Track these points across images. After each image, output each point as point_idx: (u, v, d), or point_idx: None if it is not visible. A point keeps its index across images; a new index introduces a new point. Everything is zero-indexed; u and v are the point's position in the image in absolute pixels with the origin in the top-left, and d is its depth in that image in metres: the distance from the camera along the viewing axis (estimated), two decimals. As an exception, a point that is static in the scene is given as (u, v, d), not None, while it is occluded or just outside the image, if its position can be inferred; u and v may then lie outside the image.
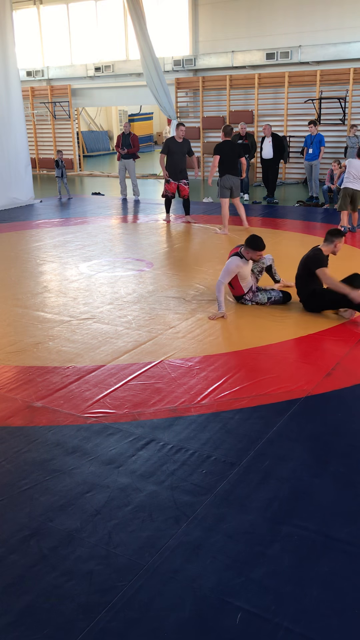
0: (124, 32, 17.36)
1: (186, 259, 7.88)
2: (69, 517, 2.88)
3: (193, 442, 3.49)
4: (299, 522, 2.80)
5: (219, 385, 4.19)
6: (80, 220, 10.78)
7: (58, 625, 2.28)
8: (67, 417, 3.82)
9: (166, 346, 4.90)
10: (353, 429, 3.64)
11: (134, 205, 12.37)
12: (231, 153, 9.06)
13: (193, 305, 5.91)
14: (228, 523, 2.80)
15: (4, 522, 2.86)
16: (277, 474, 3.17)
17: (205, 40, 15.88)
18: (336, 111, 14.29)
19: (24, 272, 7.35)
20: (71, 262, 7.77)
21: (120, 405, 3.96)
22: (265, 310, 5.74)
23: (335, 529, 2.75)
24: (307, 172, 12.41)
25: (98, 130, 26.77)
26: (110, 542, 2.70)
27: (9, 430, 3.69)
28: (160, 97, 15.48)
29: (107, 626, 2.27)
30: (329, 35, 14.13)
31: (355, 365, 4.48)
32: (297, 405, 3.89)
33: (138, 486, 3.10)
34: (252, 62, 15.14)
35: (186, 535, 2.73)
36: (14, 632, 2.26)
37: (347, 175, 8.83)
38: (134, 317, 5.61)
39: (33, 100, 18.99)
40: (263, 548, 2.64)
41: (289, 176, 15.32)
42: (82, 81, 18.20)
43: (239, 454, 3.36)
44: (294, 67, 14.80)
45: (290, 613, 2.30)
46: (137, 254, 8.15)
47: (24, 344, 5.04)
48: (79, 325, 5.44)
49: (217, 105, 16.06)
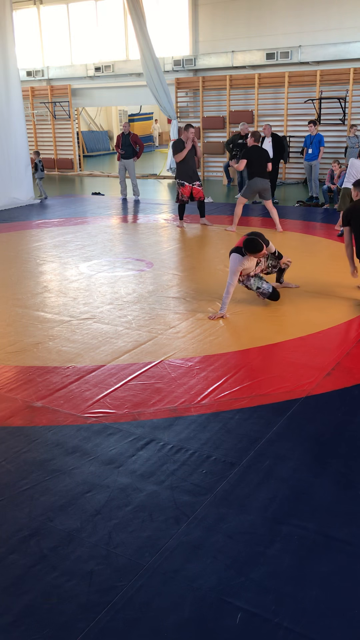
0: (124, 32, 17.36)
1: (186, 259, 7.88)
2: (69, 517, 2.88)
3: (193, 442, 3.49)
4: (299, 522, 2.80)
5: (219, 385, 4.19)
6: (80, 220, 10.78)
7: (58, 625, 2.28)
8: (67, 417, 3.82)
9: (166, 346, 4.90)
10: (353, 429, 3.64)
11: (134, 205, 12.37)
12: (260, 158, 9.18)
13: (193, 305, 5.91)
14: (228, 523, 2.80)
15: (4, 522, 2.86)
16: (277, 474, 3.17)
17: (205, 40, 15.88)
18: (336, 111, 14.29)
19: (24, 272, 7.35)
20: (71, 262, 7.77)
21: (120, 405, 3.96)
22: (265, 310, 5.74)
23: (335, 529, 2.75)
24: (307, 172, 12.40)
25: (98, 130, 26.77)
26: (110, 542, 2.70)
27: (9, 430, 3.69)
28: (160, 97, 15.48)
29: (107, 626, 2.27)
30: (329, 35, 14.13)
31: (355, 365, 4.48)
32: (297, 405, 3.89)
33: (138, 486, 3.10)
34: (252, 62, 15.13)
35: (186, 535, 2.73)
36: (14, 632, 2.26)
37: (347, 175, 8.83)
38: (134, 317, 5.61)
39: (33, 100, 18.99)
40: (263, 548, 2.64)
41: (289, 176, 15.32)
42: (82, 81, 18.20)
43: (239, 454, 3.36)
44: (294, 67, 14.79)
45: (290, 613, 2.30)
46: (137, 254, 8.16)
47: (24, 344, 5.04)
48: (79, 325, 5.44)
49: (217, 105, 16.05)
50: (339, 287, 6.42)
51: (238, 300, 6.00)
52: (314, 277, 6.78)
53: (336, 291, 6.29)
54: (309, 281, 6.56)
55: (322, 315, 5.55)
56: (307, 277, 6.70)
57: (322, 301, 5.97)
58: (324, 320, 5.42)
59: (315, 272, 6.97)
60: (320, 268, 7.20)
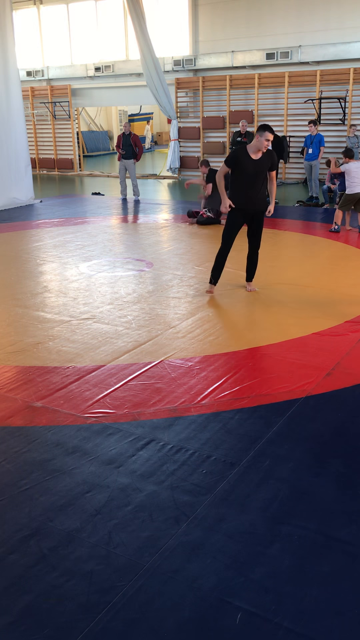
0: (124, 32, 17.37)
1: (186, 259, 7.88)
2: (69, 517, 2.87)
3: (193, 442, 3.49)
4: (299, 522, 2.80)
5: (219, 385, 4.19)
6: (80, 220, 10.78)
7: (58, 625, 2.28)
8: (67, 417, 3.82)
9: (166, 346, 4.90)
10: (353, 429, 3.64)
11: (134, 205, 12.37)
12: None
13: (193, 305, 5.92)
14: (228, 523, 2.80)
15: (4, 522, 2.86)
16: (277, 474, 3.17)
17: (205, 40, 15.89)
18: (336, 111, 14.30)
19: (24, 272, 7.35)
20: (71, 262, 7.77)
21: (120, 405, 3.96)
22: (265, 310, 5.74)
23: (335, 529, 2.75)
24: (307, 172, 12.41)
25: (98, 130, 26.79)
26: (110, 542, 2.70)
27: (9, 430, 3.69)
28: (160, 97, 15.49)
29: (107, 626, 2.27)
30: (329, 35, 14.14)
31: (355, 365, 4.48)
32: (297, 405, 3.89)
33: (138, 486, 3.10)
34: (252, 62, 15.14)
35: (186, 535, 2.73)
36: (14, 632, 2.26)
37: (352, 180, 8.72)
38: (134, 317, 5.61)
39: (33, 100, 18.99)
40: (263, 548, 2.64)
41: (289, 176, 15.32)
42: (82, 81, 18.21)
43: (239, 454, 3.36)
44: (294, 67, 14.80)
45: (290, 613, 2.30)
46: (137, 254, 8.16)
47: (24, 344, 5.04)
48: (79, 325, 5.44)
49: (217, 105, 16.06)
50: (339, 287, 6.42)
51: (238, 300, 6.00)
52: (314, 277, 6.78)
53: (336, 291, 6.29)
54: (309, 281, 6.56)
55: (322, 315, 5.55)
56: (307, 277, 6.70)
57: (322, 301, 5.97)
58: (323, 320, 5.42)
59: (315, 272, 6.98)
60: (320, 268, 7.20)
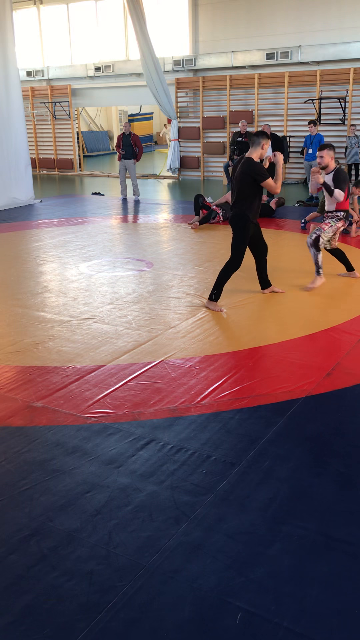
0: (124, 32, 17.37)
1: (186, 259, 7.88)
2: (69, 517, 2.87)
3: (193, 442, 3.49)
4: (299, 522, 2.80)
5: (219, 385, 4.19)
6: (80, 220, 10.78)
7: (58, 625, 2.28)
8: (67, 417, 3.82)
9: (166, 346, 4.90)
10: (353, 429, 3.64)
11: (134, 205, 12.37)
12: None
13: (193, 305, 5.91)
14: (228, 523, 2.80)
15: (4, 522, 2.86)
16: (277, 474, 3.17)
17: (205, 40, 15.89)
18: (336, 111, 14.30)
19: (24, 272, 7.35)
20: (71, 262, 7.77)
21: (120, 405, 3.96)
22: (265, 310, 5.74)
23: (335, 529, 2.75)
24: (307, 172, 12.40)
25: (98, 130, 26.78)
26: (110, 542, 2.70)
27: (9, 430, 3.69)
28: (160, 97, 15.49)
29: (107, 626, 2.27)
30: (329, 35, 14.14)
31: (355, 365, 4.48)
32: (297, 405, 3.89)
33: (138, 486, 3.10)
34: (252, 62, 15.14)
35: (186, 535, 2.73)
36: (14, 632, 2.26)
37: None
38: (134, 317, 5.61)
39: (33, 100, 19.00)
40: (263, 548, 2.64)
41: (289, 176, 15.32)
42: (82, 81, 18.21)
43: (239, 454, 3.36)
44: (294, 67, 14.80)
45: (290, 613, 2.30)
46: (137, 254, 8.15)
47: (24, 344, 5.04)
48: (79, 325, 5.44)
49: (217, 105, 16.06)
50: (338, 287, 6.42)
51: (238, 300, 6.00)
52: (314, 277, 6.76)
53: (336, 291, 6.29)
54: (308, 281, 6.55)
55: (322, 315, 5.55)
56: (307, 277, 6.70)
57: (322, 301, 5.97)
58: (324, 320, 5.42)
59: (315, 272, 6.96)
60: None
